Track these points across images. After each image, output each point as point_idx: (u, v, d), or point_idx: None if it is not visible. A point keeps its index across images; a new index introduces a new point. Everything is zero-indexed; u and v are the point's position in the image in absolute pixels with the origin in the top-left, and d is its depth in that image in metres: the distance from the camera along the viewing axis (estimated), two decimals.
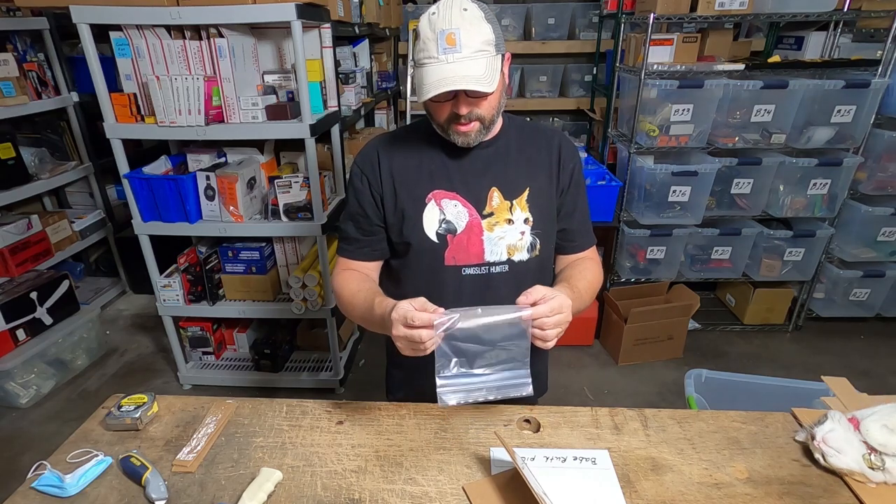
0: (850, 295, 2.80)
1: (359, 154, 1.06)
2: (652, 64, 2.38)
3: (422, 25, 0.87)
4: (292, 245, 2.33)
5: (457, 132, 0.93)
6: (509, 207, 1.00)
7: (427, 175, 1.01)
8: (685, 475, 0.89)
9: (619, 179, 2.59)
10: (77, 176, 2.95)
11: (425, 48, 0.86)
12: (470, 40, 0.84)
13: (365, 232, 1.05)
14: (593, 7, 3.60)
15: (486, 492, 0.85)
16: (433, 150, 1.02)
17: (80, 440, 0.98)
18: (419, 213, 1.00)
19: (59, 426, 2.25)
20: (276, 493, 0.86)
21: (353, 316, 1.02)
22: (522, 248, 1.02)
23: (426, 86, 0.86)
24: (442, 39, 0.84)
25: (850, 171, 2.48)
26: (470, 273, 1.01)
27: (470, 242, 1.00)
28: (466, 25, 0.84)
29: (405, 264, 1.06)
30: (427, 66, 0.86)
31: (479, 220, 1.00)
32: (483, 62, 0.86)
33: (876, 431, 0.85)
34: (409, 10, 3.74)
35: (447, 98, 0.90)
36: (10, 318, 2.31)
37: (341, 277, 1.05)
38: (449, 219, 0.99)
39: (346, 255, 1.08)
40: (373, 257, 1.08)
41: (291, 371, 2.48)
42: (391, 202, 1.02)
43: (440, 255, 1.00)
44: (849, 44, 2.76)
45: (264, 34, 2.06)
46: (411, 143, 1.04)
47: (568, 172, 1.05)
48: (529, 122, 1.09)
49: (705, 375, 1.51)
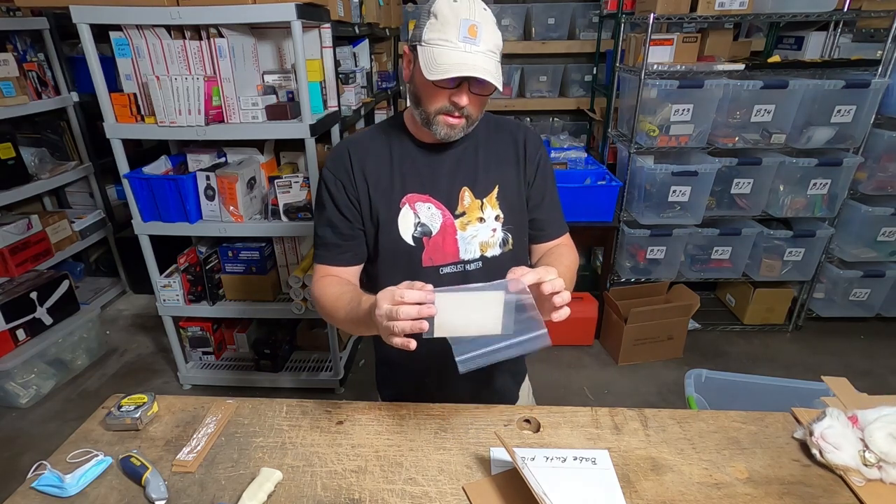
0: (850, 295, 2.80)
1: (329, 158, 1.04)
2: (652, 64, 2.38)
3: (440, 8, 0.86)
4: (292, 245, 2.33)
5: (444, 123, 0.93)
6: (480, 206, 1.02)
7: (399, 178, 1.01)
8: (685, 475, 0.89)
9: (619, 179, 2.59)
10: (77, 176, 2.95)
11: (442, 30, 0.85)
12: (488, 38, 0.86)
13: (344, 237, 1.03)
14: (593, 7, 3.60)
15: (486, 492, 0.85)
16: (404, 150, 1.02)
17: (80, 440, 0.98)
18: (394, 218, 1.00)
19: (59, 426, 2.25)
20: (276, 493, 0.86)
21: (337, 320, 0.98)
22: (495, 244, 1.03)
23: (442, 65, 0.85)
24: (465, 28, 0.84)
25: (850, 171, 2.48)
26: (447, 271, 1.03)
27: (445, 243, 1.01)
28: (487, 23, 0.87)
29: (382, 267, 1.05)
30: (442, 48, 0.86)
31: (452, 221, 1.01)
32: (494, 62, 0.88)
33: (881, 440, 0.84)
34: (409, 10, 3.74)
35: (450, 86, 0.89)
36: (10, 318, 2.31)
37: (321, 284, 1.02)
38: (424, 221, 1.00)
39: (325, 261, 1.05)
40: (353, 261, 1.06)
41: (291, 371, 2.48)
42: (366, 206, 1.01)
43: (417, 258, 1.01)
44: (849, 44, 2.76)
45: (264, 34, 2.06)
46: (381, 144, 1.03)
47: (534, 165, 1.06)
48: (494, 116, 1.09)
49: (705, 375, 1.51)
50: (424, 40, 0.88)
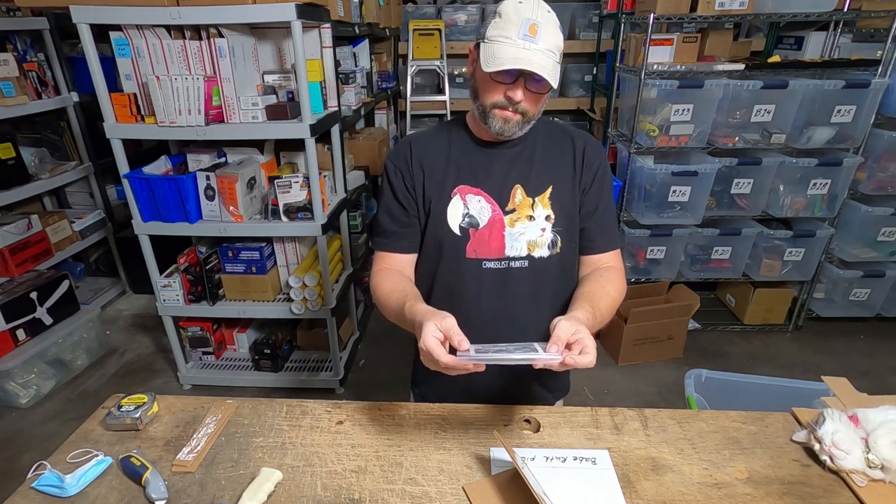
0: (850, 295, 2.80)
1: (392, 150, 1.10)
2: (652, 64, 2.38)
3: (506, 8, 0.90)
4: (292, 245, 2.33)
5: (499, 117, 0.95)
6: (531, 204, 1.02)
7: (454, 170, 1.04)
8: (685, 475, 0.89)
9: (619, 179, 2.60)
10: (77, 176, 2.95)
11: (505, 28, 0.89)
12: (548, 38, 0.89)
13: (401, 223, 1.07)
14: (593, 7, 3.60)
15: (486, 492, 0.85)
16: (462, 145, 1.06)
17: (80, 440, 0.98)
18: (444, 207, 1.02)
19: (59, 426, 2.25)
20: (276, 493, 0.86)
21: (389, 316, 1.03)
22: (543, 244, 1.03)
23: (499, 59, 0.88)
24: (525, 27, 0.87)
25: (850, 171, 2.48)
26: (490, 267, 1.03)
27: (491, 237, 1.02)
28: (548, 24, 0.89)
29: (428, 255, 1.08)
30: (502, 44, 0.89)
31: (501, 216, 1.02)
32: (552, 61, 0.89)
33: (885, 447, 0.84)
34: (409, 10, 3.74)
35: (507, 81, 0.92)
36: (10, 318, 2.31)
37: (377, 277, 1.06)
38: (472, 213, 1.02)
39: (383, 248, 1.09)
40: (410, 249, 1.09)
41: (291, 371, 2.48)
42: (420, 195, 1.05)
43: (462, 248, 1.02)
44: (849, 44, 2.76)
45: (264, 34, 2.06)
46: (441, 139, 1.07)
47: (591, 173, 1.05)
48: (556, 121, 1.12)
49: (705, 375, 1.51)
50: (487, 37, 0.91)
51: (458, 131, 1.07)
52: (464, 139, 1.06)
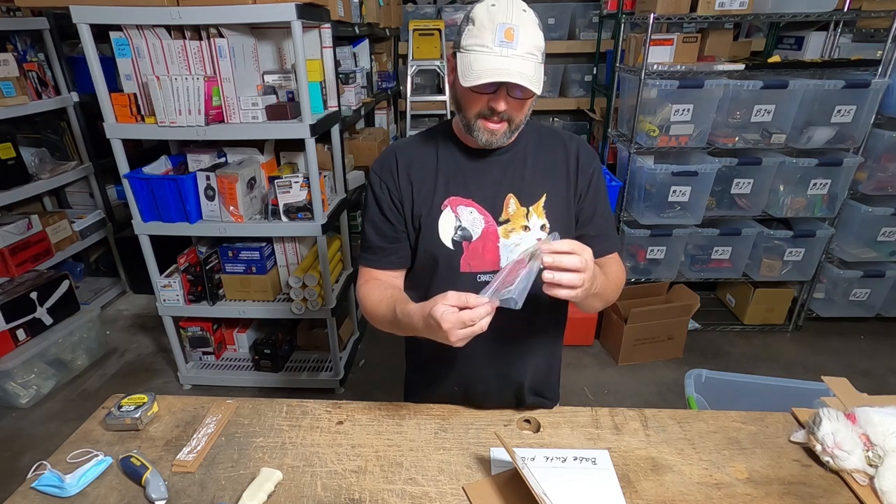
0: (850, 295, 2.80)
1: (376, 161, 1.05)
2: (652, 64, 2.38)
3: (478, 13, 0.85)
4: (292, 245, 2.33)
5: (484, 129, 0.91)
6: (525, 214, 0.99)
7: (443, 181, 0.99)
8: (685, 475, 0.89)
9: (619, 179, 2.60)
10: (77, 176, 2.95)
11: (479, 36, 0.85)
12: (527, 40, 0.84)
13: (389, 239, 1.03)
14: (593, 7, 3.60)
15: (486, 492, 0.85)
16: (450, 155, 1.01)
17: (80, 440, 0.98)
18: (435, 220, 0.98)
19: (59, 426, 2.25)
20: (276, 493, 0.86)
21: (381, 325, 0.99)
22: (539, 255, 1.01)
23: (476, 72, 0.84)
24: (500, 32, 0.83)
25: (850, 171, 2.48)
26: (485, 280, 0.99)
27: (485, 249, 0.98)
28: (525, 25, 0.84)
29: (421, 270, 1.04)
30: (478, 54, 0.85)
31: (494, 228, 0.98)
32: (533, 65, 0.85)
33: None
34: (409, 10, 3.74)
35: (488, 91, 0.88)
36: (10, 318, 2.31)
37: (364, 289, 1.03)
38: (464, 226, 0.98)
39: (370, 264, 1.05)
40: (398, 265, 1.05)
41: (291, 371, 2.48)
42: (409, 208, 1.01)
43: (455, 262, 0.99)
44: (849, 44, 2.76)
45: (264, 34, 2.06)
46: (428, 148, 1.02)
47: (586, 178, 1.02)
48: (547, 126, 1.07)
49: (705, 375, 1.51)
50: (463, 46, 0.87)
51: (445, 139, 1.02)
52: (451, 148, 1.01)
